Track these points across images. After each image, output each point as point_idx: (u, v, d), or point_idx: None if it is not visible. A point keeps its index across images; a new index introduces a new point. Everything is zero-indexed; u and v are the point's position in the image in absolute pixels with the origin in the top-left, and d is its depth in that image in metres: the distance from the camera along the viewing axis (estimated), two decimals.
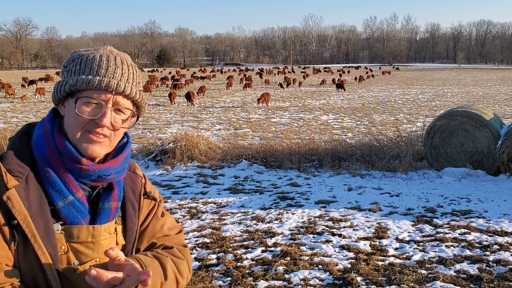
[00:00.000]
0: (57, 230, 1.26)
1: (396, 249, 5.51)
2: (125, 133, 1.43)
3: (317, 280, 4.68)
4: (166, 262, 1.39)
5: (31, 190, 1.23)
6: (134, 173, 1.51)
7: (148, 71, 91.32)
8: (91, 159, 1.31)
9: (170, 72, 76.58)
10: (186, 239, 5.84)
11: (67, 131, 1.30)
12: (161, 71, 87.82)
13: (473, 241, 5.69)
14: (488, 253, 5.29)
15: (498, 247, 5.45)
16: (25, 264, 1.22)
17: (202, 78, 57.34)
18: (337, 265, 5.02)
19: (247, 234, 6.06)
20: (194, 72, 74.19)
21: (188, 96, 24.85)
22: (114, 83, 1.28)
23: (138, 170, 1.53)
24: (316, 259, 5.18)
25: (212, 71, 79.62)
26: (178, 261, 1.45)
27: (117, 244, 1.39)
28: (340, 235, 5.96)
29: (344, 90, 35.37)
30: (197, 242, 5.81)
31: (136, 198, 1.46)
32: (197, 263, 5.18)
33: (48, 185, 1.26)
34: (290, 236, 5.98)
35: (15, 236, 1.20)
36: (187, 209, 7.31)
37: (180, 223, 6.60)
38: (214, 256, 5.37)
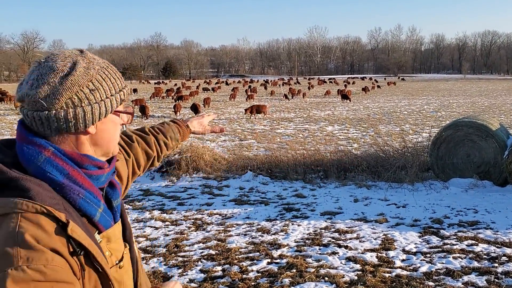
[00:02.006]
0: (99, 240, 1.26)
1: (403, 260, 5.46)
2: None
3: None
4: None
5: (73, 215, 1.17)
6: None
7: (154, 83, 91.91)
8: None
9: (175, 84, 77.09)
10: (191, 251, 5.84)
11: (101, 144, 1.28)
12: (166, 83, 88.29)
13: (480, 252, 5.63)
14: (496, 264, 5.22)
15: (507, 259, 5.39)
16: None
17: (213, 89, 57.51)
18: (343, 277, 4.98)
19: (252, 246, 6.03)
20: (199, 84, 74.56)
21: (195, 108, 24.95)
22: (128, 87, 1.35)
23: None
24: (322, 271, 5.14)
25: (217, 83, 79.98)
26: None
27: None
28: (346, 247, 5.91)
29: (350, 100, 35.40)
30: (203, 254, 5.79)
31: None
32: (202, 275, 5.16)
33: (83, 202, 1.21)
34: (296, 247, 5.94)
35: (83, 266, 1.14)
36: (193, 220, 7.30)
37: (185, 235, 6.59)
38: (219, 268, 5.34)
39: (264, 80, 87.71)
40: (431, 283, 4.78)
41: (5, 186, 1.11)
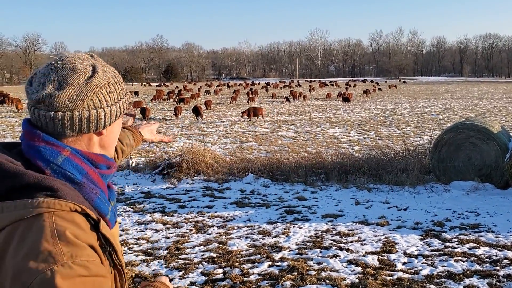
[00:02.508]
0: None
1: (404, 263, 5.45)
2: None
3: None
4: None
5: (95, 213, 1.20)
6: None
7: (156, 85, 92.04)
8: None
9: (177, 87, 77.23)
10: (192, 254, 5.84)
11: (107, 146, 1.32)
12: (168, 86, 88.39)
13: (482, 255, 5.62)
14: (498, 268, 5.21)
15: (508, 262, 5.37)
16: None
17: (215, 92, 57.51)
18: (344, 280, 4.97)
19: (253, 249, 6.02)
20: (200, 87, 74.64)
21: (196, 111, 24.99)
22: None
23: None
24: (323, 274, 5.13)
25: (218, 85, 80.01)
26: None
27: None
28: (347, 250, 5.91)
29: (349, 102, 35.43)
30: (204, 257, 5.78)
31: None
32: (203, 277, 5.15)
33: (99, 201, 1.24)
34: (297, 250, 5.93)
35: (113, 263, 1.19)
36: (194, 223, 7.29)
37: (186, 237, 6.58)
38: (220, 270, 5.34)
39: (265, 83, 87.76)
40: (432, 286, 4.77)
41: (28, 187, 1.11)
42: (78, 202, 1.13)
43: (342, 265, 5.41)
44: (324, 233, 6.61)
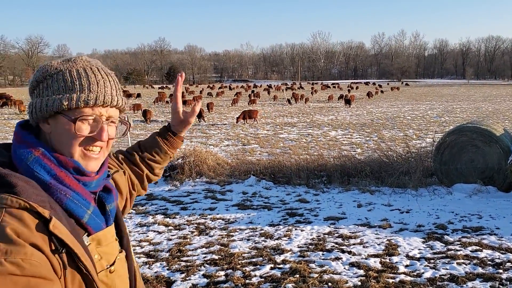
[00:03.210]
0: (87, 242, 1.26)
1: (406, 266, 5.44)
2: None
3: None
4: None
5: (58, 213, 1.18)
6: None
7: (158, 87, 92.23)
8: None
9: None
10: (194, 256, 5.84)
11: (59, 148, 1.27)
12: (170, 88, 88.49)
13: (485, 258, 5.60)
14: (501, 271, 5.19)
15: (511, 265, 5.36)
16: None
17: (217, 94, 57.57)
18: (347, 283, 4.96)
19: (255, 251, 6.02)
20: (202, 89, 74.74)
21: (199, 113, 25.04)
22: (109, 98, 1.28)
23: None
24: (325, 277, 5.12)
25: (220, 88, 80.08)
26: None
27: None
28: (349, 252, 5.89)
29: (350, 105, 35.45)
30: (206, 259, 5.78)
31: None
32: (205, 279, 5.15)
33: (70, 203, 1.23)
34: (299, 253, 5.93)
35: (64, 265, 1.14)
36: (196, 225, 7.29)
37: (188, 239, 6.58)
38: (222, 273, 5.33)
39: (267, 85, 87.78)
40: None
41: None
42: (34, 200, 1.12)
43: (344, 268, 5.40)
44: (326, 236, 6.60)
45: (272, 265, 5.51)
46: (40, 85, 1.30)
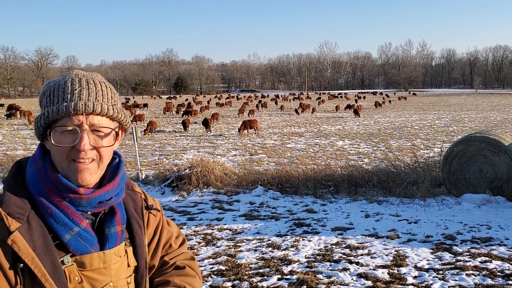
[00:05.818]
0: (68, 262, 1.25)
1: (415, 277, 5.39)
2: (116, 153, 1.43)
3: None
4: None
5: (34, 229, 1.21)
6: (133, 191, 1.51)
7: (166, 98, 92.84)
8: (88, 187, 1.31)
9: (186, 99, 78.12)
10: (201, 267, 5.82)
11: (55, 164, 1.29)
12: (177, 98, 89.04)
13: (494, 269, 5.54)
14: (510, 282, 5.13)
15: None
16: None
17: (225, 104, 57.91)
18: None
19: (262, 262, 6.00)
20: (210, 99, 75.08)
21: (206, 123, 25.13)
22: (82, 104, 1.26)
23: (136, 187, 1.55)
24: None
25: (228, 98, 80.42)
26: (192, 281, 1.54)
27: (128, 266, 1.41)
28: (357, 263, 5.86)
29: (359, 115, 35.36)
30: (212, 269, 5.77)
31: (140, 215, 1.48)
32: None
33: (52, 220, 1.24)
34: (306, 263, 5.90)
35: (21, 280, 1.18)
36: (203, 235, 7.29)
37: (195, 250, 6.58)
38: (229, 283, 5.32)
39: (274, 95, 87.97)
40: None
41: None
42: (10, 211, 1.21)
43: (352, 279, 5.36)
44: (334, 246, 6.57)
45: (280, 276, 5.49)
46: (40, 104, 1.34)
